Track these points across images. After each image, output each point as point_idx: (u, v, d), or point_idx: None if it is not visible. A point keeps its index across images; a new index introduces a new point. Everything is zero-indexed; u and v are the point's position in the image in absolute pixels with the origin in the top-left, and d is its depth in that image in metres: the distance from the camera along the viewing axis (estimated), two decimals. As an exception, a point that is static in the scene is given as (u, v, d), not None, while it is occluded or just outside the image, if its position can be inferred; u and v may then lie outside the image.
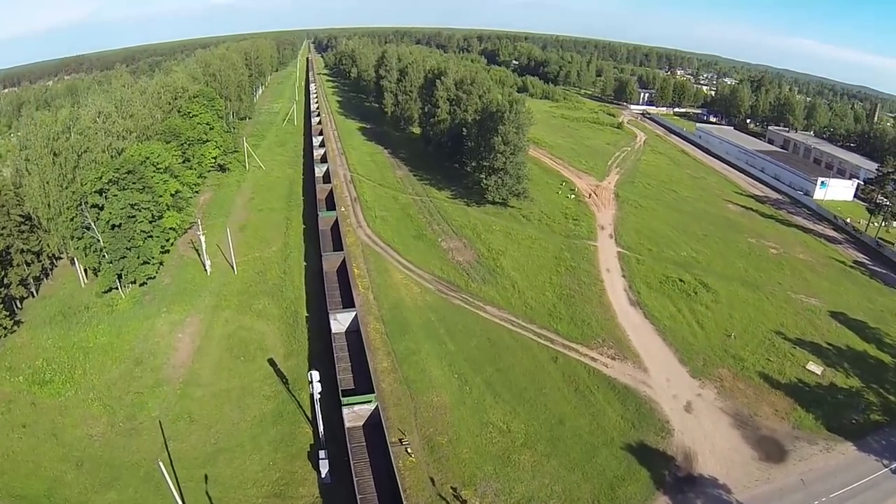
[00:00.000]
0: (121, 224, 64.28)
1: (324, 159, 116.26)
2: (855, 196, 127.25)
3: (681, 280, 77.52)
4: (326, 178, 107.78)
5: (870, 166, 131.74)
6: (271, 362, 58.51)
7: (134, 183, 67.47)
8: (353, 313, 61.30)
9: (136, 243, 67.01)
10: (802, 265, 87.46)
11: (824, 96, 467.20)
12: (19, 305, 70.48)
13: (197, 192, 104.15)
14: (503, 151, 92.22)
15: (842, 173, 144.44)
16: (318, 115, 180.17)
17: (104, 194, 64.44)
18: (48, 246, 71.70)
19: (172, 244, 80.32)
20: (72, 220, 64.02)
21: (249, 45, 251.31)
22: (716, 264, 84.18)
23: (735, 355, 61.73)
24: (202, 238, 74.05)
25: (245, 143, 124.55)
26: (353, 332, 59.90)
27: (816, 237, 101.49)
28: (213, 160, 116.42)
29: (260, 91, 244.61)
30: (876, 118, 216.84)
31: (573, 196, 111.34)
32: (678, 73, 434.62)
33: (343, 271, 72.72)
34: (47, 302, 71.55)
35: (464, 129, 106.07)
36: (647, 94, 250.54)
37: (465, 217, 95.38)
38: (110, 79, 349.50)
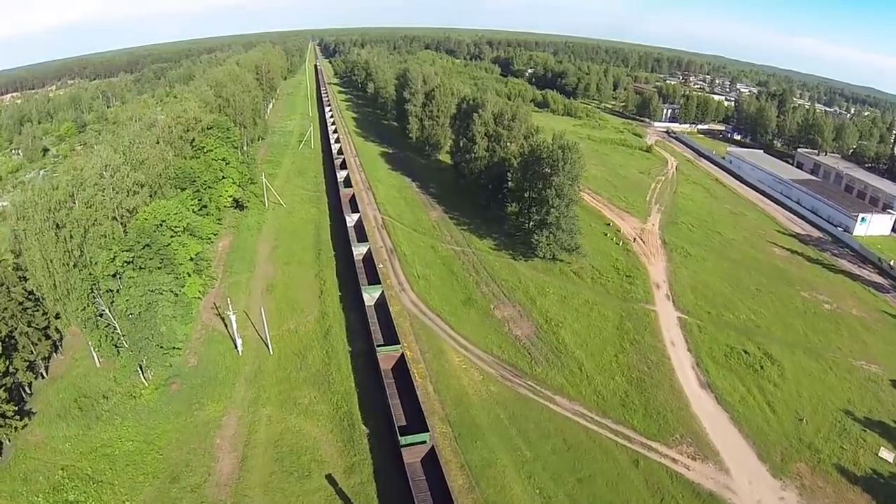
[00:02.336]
0: (140, 313, 56.38)
1: (354, 206, 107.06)
2: (893, 230, 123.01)
3: (745, 352, 72.49)
4: (360, 228, 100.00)
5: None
6: (330, 480, 50.77)
7: (151, 259, 59.44)
8: (429, 444, 52.72)
9: (158, 330, 59.19)
10: (857, 322, 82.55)
11: (836, 104, 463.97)
12: (28, 391, 63.01)
13: (216, 234, 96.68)
14: (557, 205, 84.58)
15: (875, 202, 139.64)
16: (337, 137, 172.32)
17: (119, 276, 56.23)
18: (56, 323, 64.18)
19: (195, 314, 72.79)
20: (83, 308, 55.70)
21: (260, 57, 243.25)
22: (775, 328, 79.22)
23: (810, 444, 57.94)
24: (233, 317, 66.04)
25: (264, 179, 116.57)
26: (432, 463, 51.73)
27: (865, 285, 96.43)
28: (230, 198, 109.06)
29: (271, 105, 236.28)
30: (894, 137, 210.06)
31: (620, 244, 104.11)
32: (691, 80, 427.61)
33: (402, 374, 64.43)
34: (59, 385, 63.96)
35: (508, 172, 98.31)
36: (669, 111, 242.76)
37: (513, 275, 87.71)
38: (114, 87, 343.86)
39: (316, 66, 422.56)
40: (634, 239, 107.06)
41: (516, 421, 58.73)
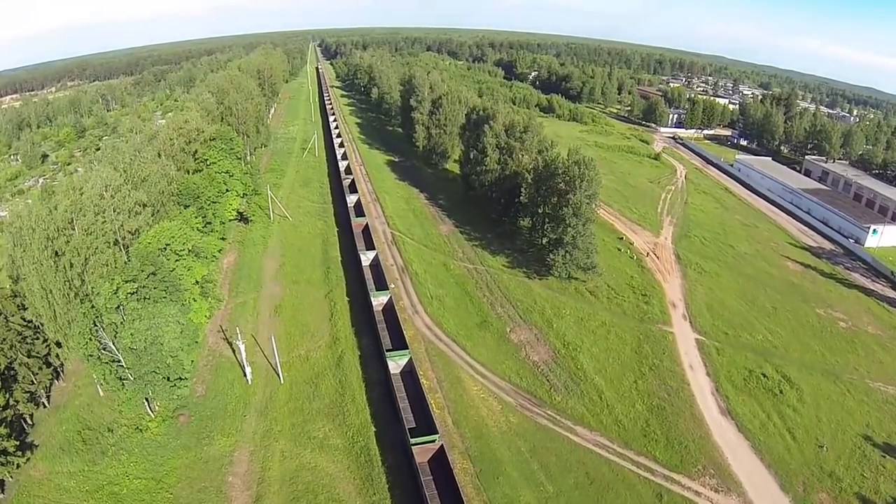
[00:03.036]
0: (146, 347, 54.01)
1: (367, 236, 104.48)
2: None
3: (763, 375, 71.23)
4: (367, 235, 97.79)
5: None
6: (350, 522, 48.86)
7: (155, 287, 56.92)
8: (438, 443, 53.81)
9: (164, 362, 56.77)
10: (873, 341, 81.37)
11: (839, 105, 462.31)
12: (29, 421, 60.77)
13: (220, 251, 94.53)
14: (574, 224, 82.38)
15: (884, 212, 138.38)
16: (341, 142, 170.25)
17: (122, 309, 53.69)
18: (57, 350, 61.90)
19: (201, 340, 70.48)
20: (86, 343, 53.19)
21: (262, 61, 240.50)
22: (793, 349, 78.02)
23: (831, 473, 57.05)
24: (242, 346, 63.80)
25: (269, 192, 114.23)
26: (439, 464, 51.72)
27: (879, 301, 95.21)
28: (234, 211, 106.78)
29: (273, 109, 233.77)
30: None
31: (634, 258, 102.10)
32: (695, 83, 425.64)
33: (412, 381, 63.32)
34: (62, 416, 61.68)
35: (521, 187, 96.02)
36: (675, 116, 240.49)
37: (528, 295, 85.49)
38: (113, 90, 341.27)
39: (317, 68, 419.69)
40: (648, 254, 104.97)
41: (537, 454, 56.97)
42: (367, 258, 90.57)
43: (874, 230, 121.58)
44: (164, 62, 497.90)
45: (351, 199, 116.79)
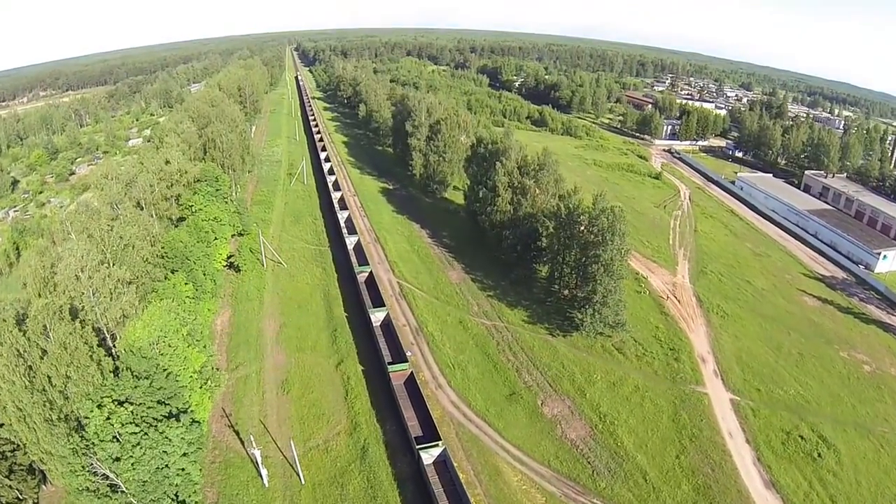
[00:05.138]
0: (147, 480, 46.56)
1: (372, 286, 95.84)
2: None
3: (801, 437, 68.76)
4: (372, 285, 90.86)
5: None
6: None
7: (152, 405, 48.75)
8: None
9: (172, 482, 49.45)
10: None
11: (820, 105, 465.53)
12: (14, 544, 53.06)
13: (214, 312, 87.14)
14: (605, 283, 76.55)
15: (887, 230, 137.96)
16: (330, 168, 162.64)
17: (118, 438, 45.94)
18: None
19: (205, 433, 63.08)
20: (75, 474, 45.39)
21: (242, 76, 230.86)
22: (824, 402, 75.79)
23: None
24: (257, 454, 56.63)
25: (261, 237, 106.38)
26: None
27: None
28: (225, 259, 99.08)
29: (254, 128, 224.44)
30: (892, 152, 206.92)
31: (654, 300, 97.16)
32: (679, 86, 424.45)
33: (446, 472, 57.54)
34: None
35: (540, 234, 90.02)
36: (669, 127, 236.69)
37: (555, 358, 79.42)
38: (87, 104, 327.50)
39: (297, 77, 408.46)
40: (668, 297, 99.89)
41: (590, 560, 51.21)
42: (377, 318, 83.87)
43: (884, 256, 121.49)
44: (139, 71, 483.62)
45: (350, 241, 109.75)
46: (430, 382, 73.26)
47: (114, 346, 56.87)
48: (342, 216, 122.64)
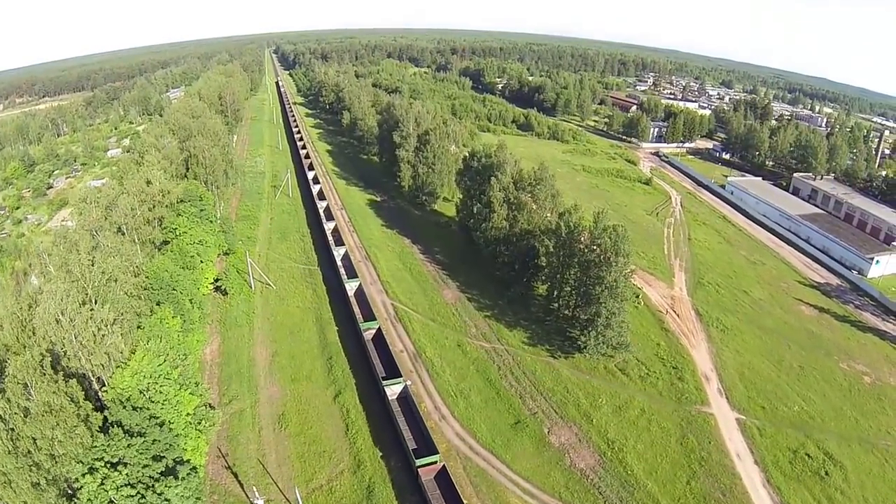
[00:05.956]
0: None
1: (363, 302, 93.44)
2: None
3: (808, 455, 68.24)
4: (363, 302, 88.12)
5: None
6: None
7: (148, 462, 45.81)
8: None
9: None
10: None
11: (801, 102, 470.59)
12: None
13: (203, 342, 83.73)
14: (609, 306, 74.57)
15: (876, 233, 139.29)
16: (315, 176, 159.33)
17: (113, 501, 42.83)
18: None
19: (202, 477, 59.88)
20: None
21: (223, 84, 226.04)
22: (827, 417, 75.48)
23: None
24: (261, 503, 53.72)
25: (248, 258, 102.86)
26: None
27: (893, 344, 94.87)
28: (211, 283, 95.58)
29: (235, 137, 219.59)
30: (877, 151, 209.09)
31: (654, 315, 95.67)
32: (662, 85, 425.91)
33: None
34: None
35: (538, 252, 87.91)
36: (656, 129, 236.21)
37: (558, 382, 77.29)
38: (64, 112, 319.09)
39: (277, 83, 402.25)
40: (667, 311, 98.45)
41: None
42: (368, 334, 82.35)
43: (877, 261, 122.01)
44: (117, 76, 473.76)
45: (338, 252, 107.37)
46: (433, 413, 70.58)
47: (101, 391, 53.55)
48: (329, 227, 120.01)
